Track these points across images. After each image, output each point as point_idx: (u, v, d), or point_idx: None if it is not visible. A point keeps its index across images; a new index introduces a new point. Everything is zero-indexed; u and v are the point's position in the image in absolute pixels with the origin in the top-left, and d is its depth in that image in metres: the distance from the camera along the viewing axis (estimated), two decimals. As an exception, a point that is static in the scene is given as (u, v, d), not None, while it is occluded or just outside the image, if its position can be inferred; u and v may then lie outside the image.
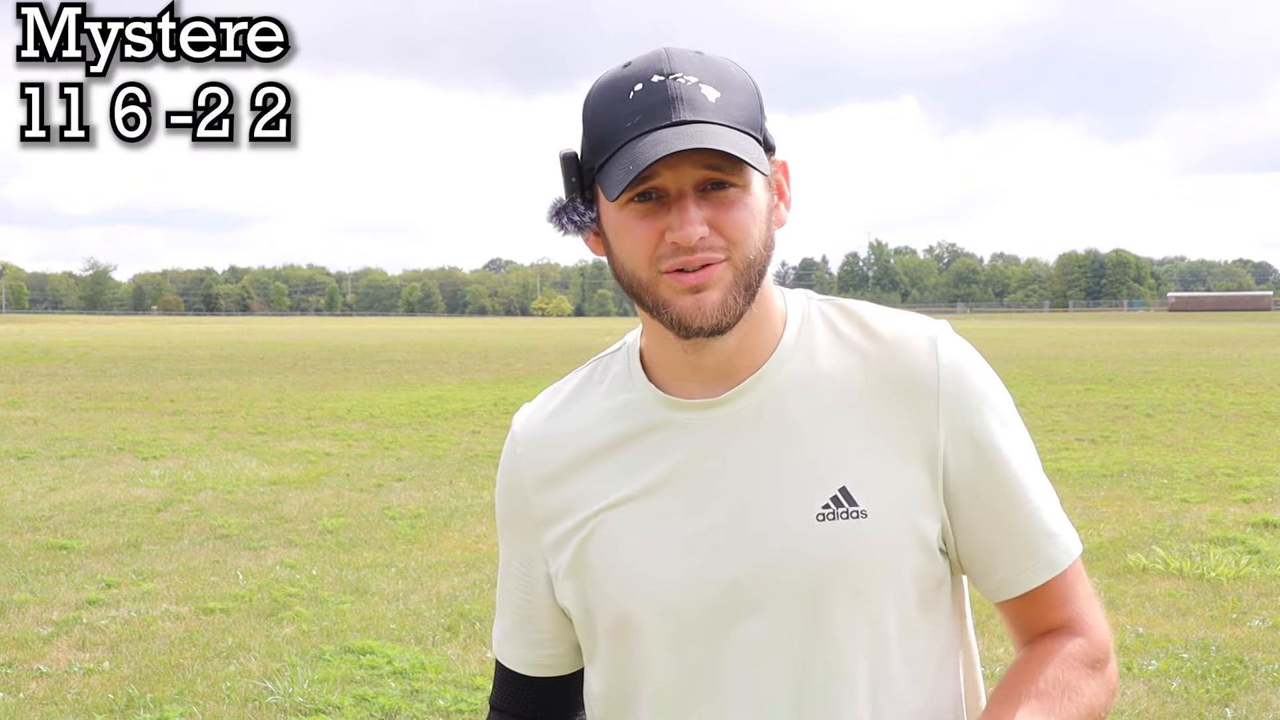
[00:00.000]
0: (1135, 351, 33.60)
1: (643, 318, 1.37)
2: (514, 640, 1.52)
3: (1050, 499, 1.38)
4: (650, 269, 1.27)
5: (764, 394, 1.34)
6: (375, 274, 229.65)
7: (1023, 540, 1.35)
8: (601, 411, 1.41)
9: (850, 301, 1.42)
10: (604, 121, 1.27)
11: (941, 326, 1.37)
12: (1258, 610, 6.42)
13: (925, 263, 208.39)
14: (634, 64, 1.28)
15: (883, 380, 1.33)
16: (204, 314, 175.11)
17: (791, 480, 1.31)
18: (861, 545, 1.30)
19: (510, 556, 1.51)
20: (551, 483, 1.42)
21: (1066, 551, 1.37)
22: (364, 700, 5.18)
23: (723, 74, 1.28)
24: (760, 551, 1.31)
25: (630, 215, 1.27)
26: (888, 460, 1.31)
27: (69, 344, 40.75)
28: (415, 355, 34.80)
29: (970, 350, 1.36)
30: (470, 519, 9.16)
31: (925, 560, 1.33)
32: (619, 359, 1.44)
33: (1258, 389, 20.04)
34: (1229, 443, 13.10)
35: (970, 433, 1.32)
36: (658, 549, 1.34)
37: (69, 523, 9.07)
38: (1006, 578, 1.36)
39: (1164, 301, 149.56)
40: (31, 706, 5.20)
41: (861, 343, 1.35)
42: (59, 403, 18.85)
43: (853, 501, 1.30)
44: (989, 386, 1.35)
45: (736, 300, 1.27)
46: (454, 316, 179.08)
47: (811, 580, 1.30)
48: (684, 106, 1.23)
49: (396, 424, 15.81)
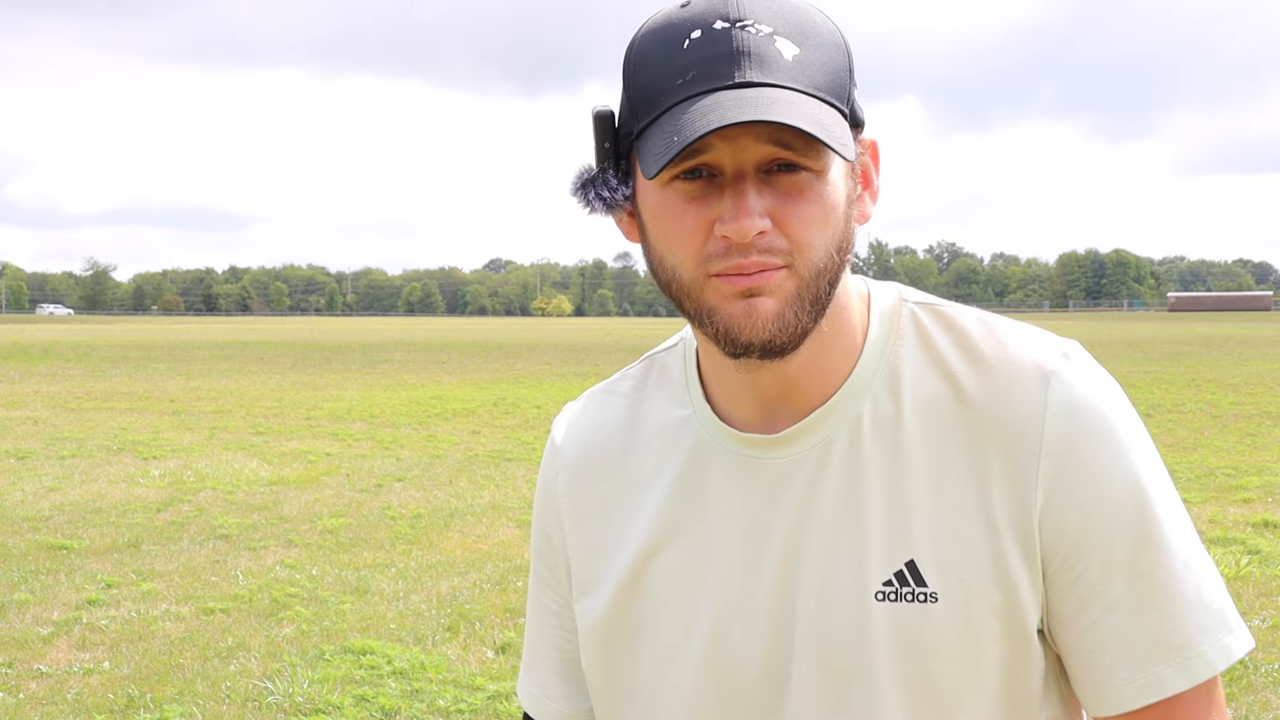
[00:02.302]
0: (1135, 351, 33.59)
1: (691, 327, 1.11)
2: (556, 694, 1.26)
3: (1189, 592, 1.03)
4: (697, 269, 1.01)
5: (832, 432, 1.08)
6: (375, 274, 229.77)
7: (1128, 646, 1.03)
8: (655, 430, 1.17)
9: (957, 309, 1.12)
10: (649, 76, 1.00)
11: (1068, 353, 1.07)
12: (1258, 610, 6.41)
13: (925, 263, 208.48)
14: (694, 4, 1.00)
15: (977, 425, 1.05)
16: (204, 314, 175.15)
17: (853, 547, 1.06)
18: (928, 633, 1.03)
19: (544, 589, 1.27)
20: (596, 509, 1.20)
21: (1197, 668, 1.03)
22: (364, 700, 5.18)
23: (805, 24, 1.00)
24: (807, 630, 1.07)
25: (674, 197, 1.00)
26: (972, 529, 1.03)
27: (69, 344, 40.73)
28: (415, 355, 34.79)
29: (1100, 388, 1.05)
30: (470, 519, 9.16)
31: (1020, 650, 1.05)
32: (676, 360, 1.20)
33: (1258, 389, 20.03)
34: (1229, 443, 13.09)
35: (1074, 503, 1.03)
36: (694, 616, 1.12)
37: (69, 523, 9.06)
38: (1102, 696, 1.05)
39: (1164, 301, 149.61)
40: (31, 706, 5.20)
41: (960, 371, 1.07)
42: (59, 403, 18.85)
43: (920, 580, 1.04)
44: (1114, 440, 1.04)
45: (799, 316, 1.00)
46: (454, 316, 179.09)
47: (864, 671, 1.05)
48: (751, 64, 0.96)
49: (396, 424, 15.81)
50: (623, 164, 1.05)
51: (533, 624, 1.29)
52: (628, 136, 1.03)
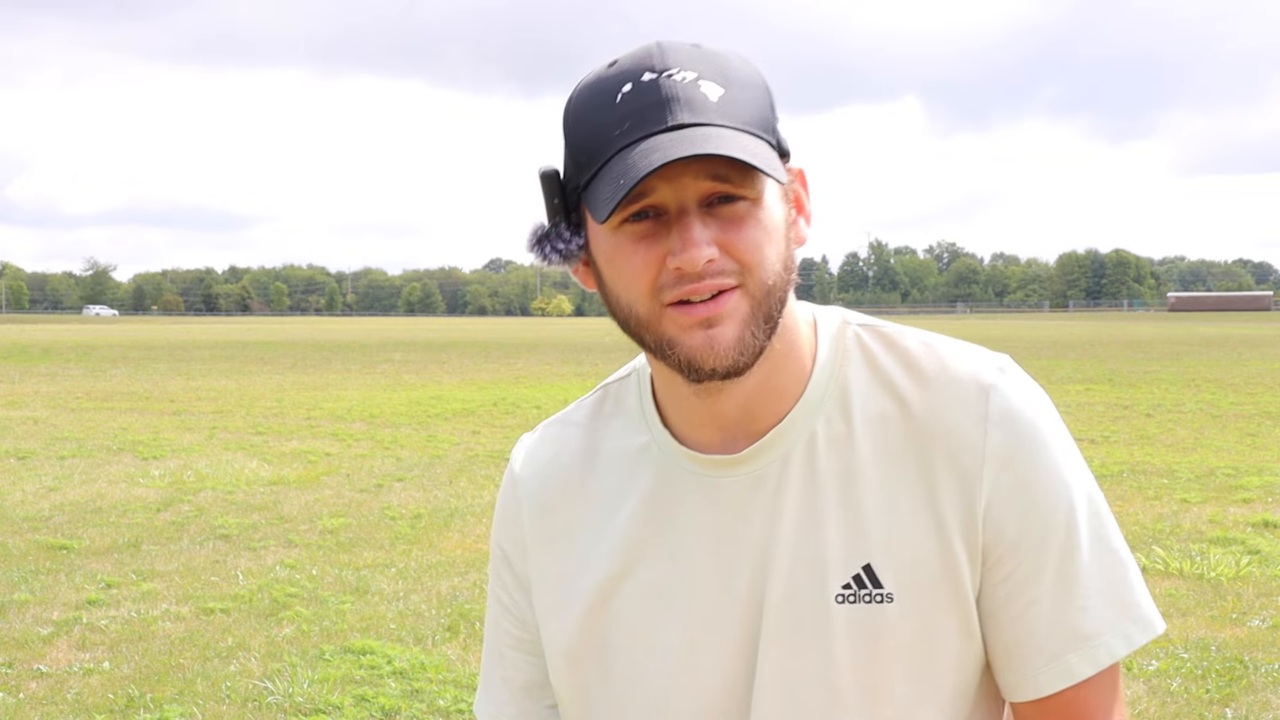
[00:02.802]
0: (1135, 351, 33.59)
1: (648, 358, 1.18)
2: (513, 714, 1.31)
3: (1104, 586, 1.13)
4: (651, 301, 1.07)
5: (789, 449, 1.15)
6: (375, 274, 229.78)
7: (1047, 637, 1.12)
8: (613, 456, 1.23)
9: (898, 330, 1.20)
10: (588, 131, 1.07)
11: (1002, 369, 1.15)
12: (1258, 610, 6.41)
13: (925, 263, 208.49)
14: (621, 62, 1.08)
15: (923, 437, 1.13)
16: (204, 314, 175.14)
17: (814, 554, 1.13)
18: (885, 632, 1.11)
19: (502, 613, 1.31)
20: (558, 535, 1.24)
21: (1101, 656, 1.13)
22: (364, 700, 5.18)
23: (725, 68, 1.07)
24: (772, 634, 1.13)
25: (624, 239, 1.07)
26: (923, 533, 1.11)
27: (69, 344, 40.73)
28: (415, 355, 34.79)
29: (1032, 401, 1.14)
30: (470, 519, 9.16)
31: (968, 645, 1.14)
32: (630, 390, 1.25)
33: (1258, 389, 20.03)
34: (1229, 443, 13.09)
35: (1013, 506, 1.11)
36: (664, 633, 1.17)
37: (69, 523, 9.06)
38: (1020, 681, 1.15)
39: (1164, 301, 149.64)
40: (31, 706, 5.20)
41: (904, 386, 1.15)
42: (59, 403, 18.85)
43: (877, 583, 1.11)
44: (1046, 448, 1.13)
45: (755, 335, 1.07)
46: (454, 316, 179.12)
47: (825, 671, 1.12)
48: (681, 107, 1.03)
49: (396, 424, 15.81)
50: (573, 216, 1.12)
51: (490, 647, 1.33)
52: (575, 190, 1.10)
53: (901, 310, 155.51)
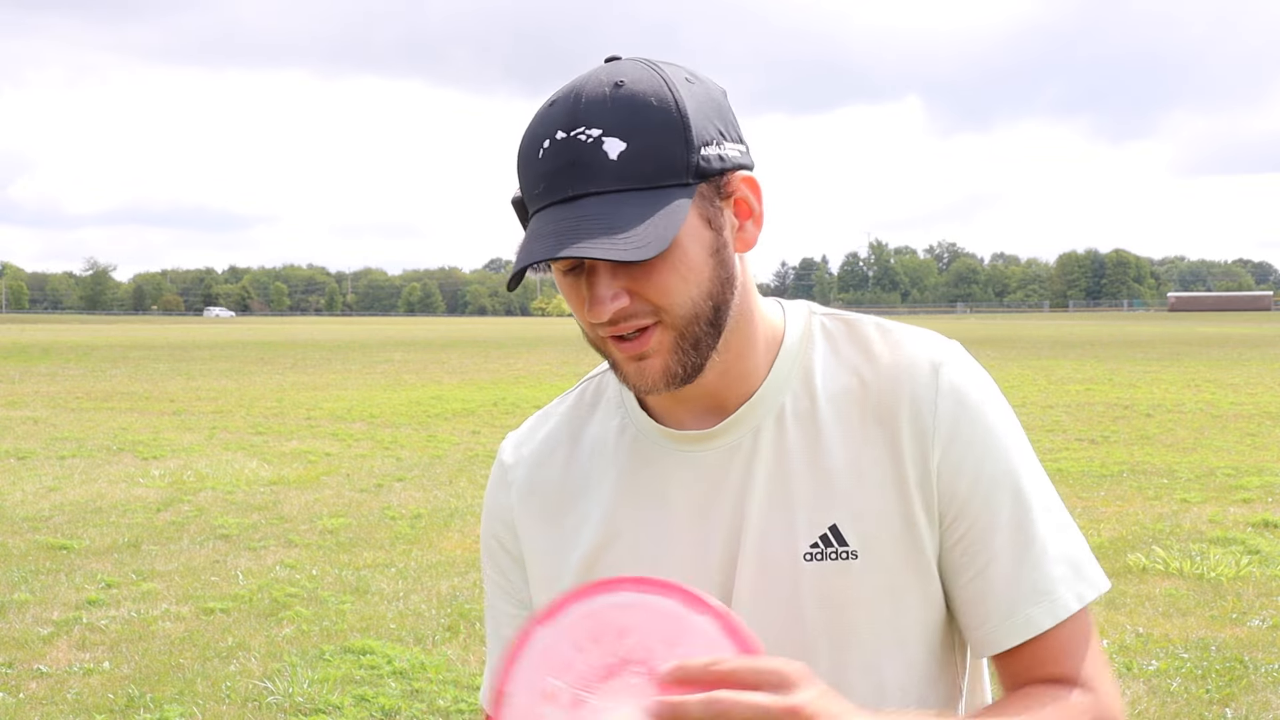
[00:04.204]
0: (1135, 351, 33.60)
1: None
2: None
3: (1050, 547, 1.22)
4: (593, 331, 1.17)
5: (757, 423, 1.24)
6: (375, 274, 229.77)
7: (1006, 593, 1.20)
8: (595, 439, 1.32)
9: (858, 317, 1.31)
10: (522, 180, 1.17)
11: (951, 349, 1.26)
12: (1258, 610, 6.42)
13: (925, 263, 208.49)
14: (556, 103, 1.15)
15: (880, 408, 1.22)
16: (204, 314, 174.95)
17: (784, 516, 1.22)
18: (850, 587, 1.20)
19: (499, 595, 1.38)
20: (547, 515, 1.33)
21: (1058, 609, 1.20)
22: (364, 700, 5.18)
23: (636, 114, 1.11)
24: (744, 592, 1.21)
25: (561, 279, 1.17)
26: (885, 496, 1.20)
27: (69, 344, 40.74)
28: (415, 355, 34.80)
29: (978, 378, 1.25)
30: (470, 519, 9.16)
31: (930, 600, 1.23)
32: (610, 381, 1.34)
33: (1258, 389, 20.04)
34: (1229, 443, 13.09)
35: (963, 469, 1.21)
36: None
37: (69, 523, 9.07)
38: (986, 636, 1.22)
39: (1164, 301, 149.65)
40: (31, 706, 5.20)
41: (862, 365, 1.25)
42: (59, 403, 18.86)
43: (843, 541, 1.20)
44: (992, 419, 1.23)
45: (686, 359, 1.15)
46: (454, 316, 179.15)
47: (801, 627, 1.20)
48: (579, 175, 1.10)
49: (396, 424, 15.81)
50: None
51: (493, 636, 1.41)
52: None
53: (901, 310, 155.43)
